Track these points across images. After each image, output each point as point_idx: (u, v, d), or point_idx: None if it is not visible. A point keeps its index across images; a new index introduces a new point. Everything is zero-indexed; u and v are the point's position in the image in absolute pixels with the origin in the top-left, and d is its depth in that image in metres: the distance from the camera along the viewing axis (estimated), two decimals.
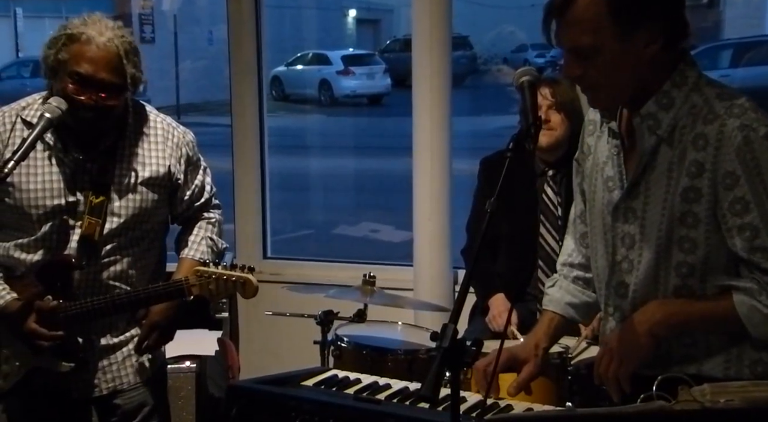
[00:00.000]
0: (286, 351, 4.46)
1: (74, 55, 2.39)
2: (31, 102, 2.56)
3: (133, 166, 2.56)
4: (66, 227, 2.52)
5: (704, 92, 1.91)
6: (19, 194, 2.49)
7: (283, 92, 15.88)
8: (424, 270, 4.24)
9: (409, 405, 2.04)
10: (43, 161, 2.51)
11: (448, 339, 1.67)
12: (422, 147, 4.19)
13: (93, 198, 2.51)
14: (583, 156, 2.18)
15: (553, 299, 2.26)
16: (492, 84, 15.57)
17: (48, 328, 2.47)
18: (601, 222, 2.06)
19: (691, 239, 1.91)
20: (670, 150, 1.91)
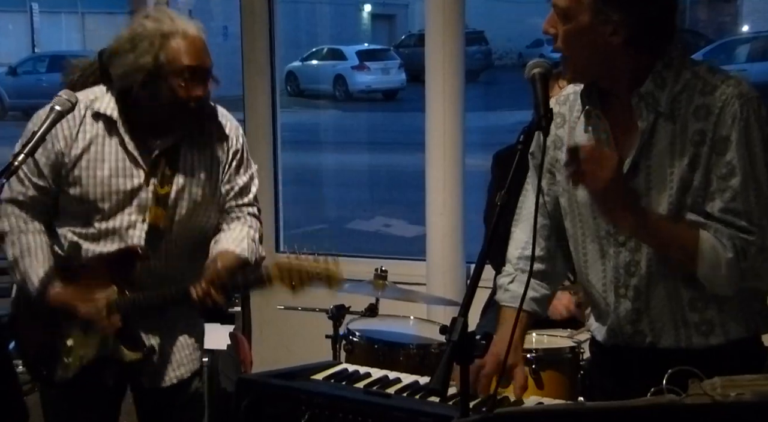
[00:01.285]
0: (298, 345, 4.46)
1: (176, 52, 2.41)
2: (99, 96, 2.55)
3: (195, 159, 2.58)
4: (133, 218, 2.54)
5: (693, 69, 1.98)
6: (87, 185, 2.51)
7: (298, 88, 15.87)
8: (436, 265, 4.24)
9: (419, 399, 2.03)
10: (114, 154, 2.53)
11: (457, 332, 1.67)
12: (435, 142, 4.19)
13: (159, 189, 2.53)
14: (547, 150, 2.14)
15: (515, 296, 2.21)
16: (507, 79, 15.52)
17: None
18: (590, 208, 2.07)
19: (698, 205, 1.95)
20: (671, 124, 1.96)
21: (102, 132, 2.53)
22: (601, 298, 2.12)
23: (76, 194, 2.52)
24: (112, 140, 2.53)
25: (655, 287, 2.02)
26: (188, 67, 2.42)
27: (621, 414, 1.37)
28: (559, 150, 2.15)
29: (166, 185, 2.53)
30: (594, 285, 2.14)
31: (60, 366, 2.57)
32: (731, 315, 2.02)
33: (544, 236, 2.23)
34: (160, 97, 2.44)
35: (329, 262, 2.46)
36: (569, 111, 2.15)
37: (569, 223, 2.17)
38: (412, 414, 1.88)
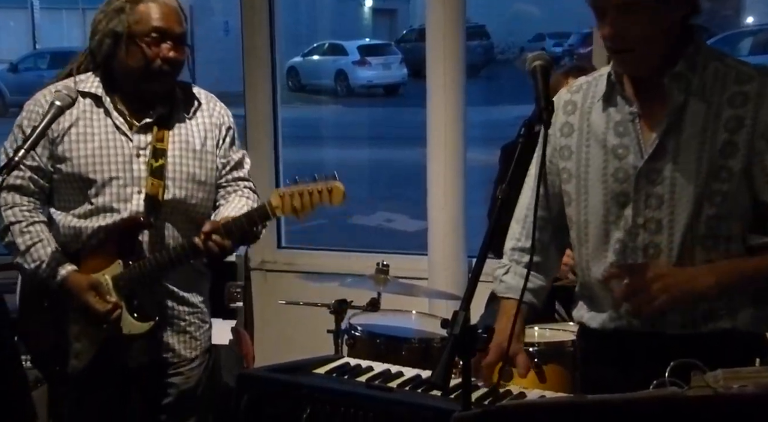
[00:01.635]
0: (300, 340, 4.46)
1: (144, 15, 2.51)
2: (84, 78, 2.62)
3: (185, 132, 2.64)
4: (128, 191, 2.57)
5: (721, 59, 2.04)
6: (77, 158, 2.55)
7: (300, 83, 15.88)
8: (438, 259, 4.23)
9: (421, 393, 2.02)
10: (102, 128, 2.57)
11: (458, 326, 1.67)
12: (436, 137, 4.18)
13: (153, 162, 2.57)
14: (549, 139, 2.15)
15: (510, 287, 2.25)
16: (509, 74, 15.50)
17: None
18: (602, 192, 2.09)
19: (722, 192, 1.98)
20: (703, 106, 1.99)
21: (89, 108, 2.59)
22: (600, 284, 2.13)
23: (67, 170, 2.56)
24: (100, 115, 2.58)
25: None
26: (155, 28, 2.51)
27: (623, 406, 1.37)
28: (568, 137, 2.16)
29: (159, 158, 2.57)
30: (593, 271, 2.15)
31: (72, 354, 2.58)
32: (741, 305, 2.03)
33: (539, 227, 2.22)
34: (133, 60, 2.53)
35: (328, 178, 2.47)
36: (582, 98, 2.16)
37: (573, 210, 2.17)
38: (414, 408, 1.88)
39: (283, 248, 4.83)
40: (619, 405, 1.36)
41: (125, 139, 2.58)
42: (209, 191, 2.69)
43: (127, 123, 2.59)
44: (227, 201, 2.70)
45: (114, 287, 2.55)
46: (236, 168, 2.75)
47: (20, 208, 2.58)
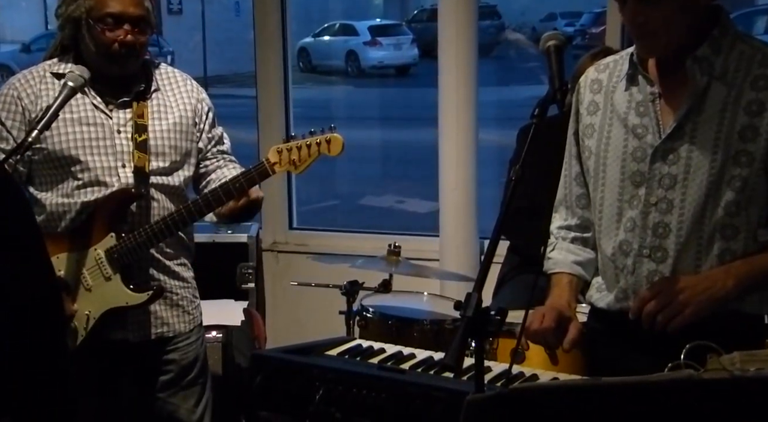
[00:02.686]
0: (312, 321, 4.47)
1: (100, 1, 2.52)
2: (57, 61, 2.66)
3: (163, 107, 2.67)
4: (112, 165, 2.59)
5: (748, 42, 2.02)
6: (58, 135, 2.57)
7: (310, 64, 15.82)
8: (450, 240, 4.23)
9: (434, 375, 2.02)
10: (79, 106, 2.59)
11: (472, 308, 1.66)
12: (448, 117, 4.16)
13: (137, 136, 2.59)
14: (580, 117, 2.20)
15: (558, 261, 2.26)
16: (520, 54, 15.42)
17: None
18: (619, 171, 2.09)
19: (742, 177, 1.96)
20: (724, 90, 1.97)
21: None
22: (610, 262, 2.13)
23: (49, 149, 2.57)
24: (77, 95, 2.57)
25: (685, 254, 2.03)
26: (110, 13, 2.53)
27: (638, 389, 1.36)
28: (593, 115, 2.17)
29: (142, 133, 2.60)
30: (604, 250, 2.15)
31: (69, 331, 2.57)
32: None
33: (582, 205, 2.25)
34: (93, 45, 2.56)
35: (325, 130, 2.49)
36: (608, 77, 2.17)
37: (591, 186, 2.18)
38: (426, 390, 1.87)
39: (294, 230, 4.83)
40: (635, 388, 1.36)
41: (104, 116, 2.61)
42: (190, 163, 2.72)
43: (104, 102, 2.62)
44: (218, 167, 2.75)
45: (108, 260, 2.56)
46: (219, 142, 2.80)
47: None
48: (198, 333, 2.83)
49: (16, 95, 2.59)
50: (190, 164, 2.73)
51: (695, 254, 2.02)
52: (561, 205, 2.31)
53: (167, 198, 2.66)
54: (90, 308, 2.58)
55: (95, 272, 2.58)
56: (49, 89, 2.60)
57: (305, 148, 2.47)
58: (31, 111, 2.58)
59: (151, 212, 2.63)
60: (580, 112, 2.20)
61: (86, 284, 2.59)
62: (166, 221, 2.56)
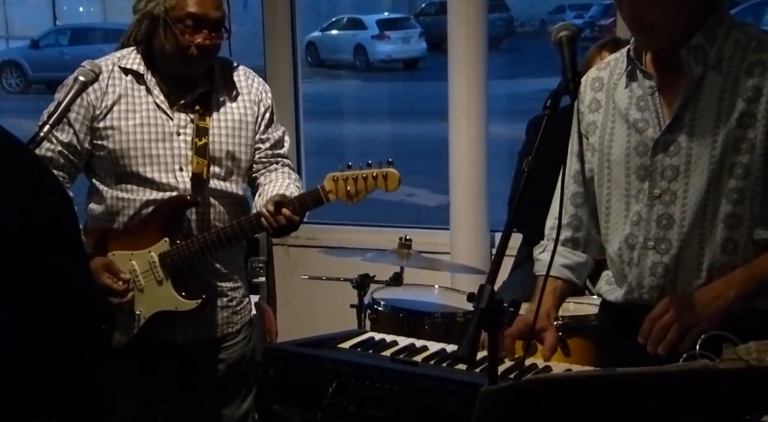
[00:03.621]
0: (323, 315, 4.47)
1: (180, 1, 2.49)
2: (126, 54, 2.63)
3: (224, 110, 2.64)
4: (170, 168, 2.58)
5: (744, 29, 2.01)
6: (120, 134, 2.56)
7: (319, 58, 15.80)
8: (460, 233, 4.22)
9: (446, 367, 2.02)
10: (144, 105, 2.59)
11: (485, 300, 1.66)
12: (458, 110, 4.15)
13: (197, 140, 2.57)
14: (582, 116, 2.19)
15: (544, 263, 2.19)
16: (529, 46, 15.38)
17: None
18: (624, 166, 2.08)
19: (743, 164, 1.95)
20: (720, 78, 1.97)
21: (131, 85, 2.60)
22: (617, 257, 2.13)
23: (110, 146, 2.56)
24: (141, 92, 2.59)
25: (689, 244, 2.02)
26: (190, 14, 2.49)
27: (653, 379, 1.35)
28: (595, 113, 2.16)
29: (202, 137, 2.58)
30: (612, 245, 2.15)
31: (118, 328, 2.59)
32: None
33: (576, 203, 2.24)
34: (168, 44, 2.53)
35: (382, 164, 2.49)
36: (609, 75, 2.16)
37: (596, 184, 2.18)
38: (439, 382, 1.87)
39: (305, 223, 4.78)
40: (650, 378, 1.35)
41: (165, 117, 2.59)
42: (246, 169, 2.70)
43: (167, 101, 2.60)
44: (269, 180, 2.70)
45: (161, 265, 2.56)
46: (276, 146, 2.75)
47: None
48: (246, 331, 2.81)
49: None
50: (247, 167, 2.70)
51: (698, 244, 2.01)
52: (556, 202, 2.25)
53: (226, 204, 2.64)
54: (141, 308, 2.59)
55: (148, 274, 2.57)
56: (116, 85, 2.58)
57: (362, 180, 2.48)
58: (96, 107, 2.56)
59: (208, 217, 2.61)
60: (581, 110, 2.19)
61: (139, 285, 2.58)
62: (220, 234, 2.54)
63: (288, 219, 2.49)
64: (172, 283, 2.57)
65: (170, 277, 2.57)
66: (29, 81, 15.23)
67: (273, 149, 2.75)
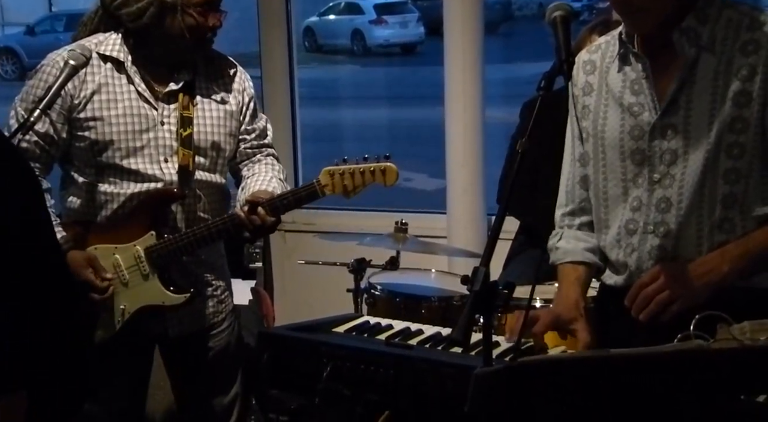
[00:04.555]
0: (319, 300, 4.46)
1: None
2: (104, 39, 2.56)
3: (208, 100, 2.60)
4: (153, 159, 2.53)
5: (735, 7, 1.99)
6: (102, 125, 2.50)
7: (316, 43, 15.76)
8: (457, 217, 4.22)
9: (441, 350, 2.02)
10: (126, 94, 2.52)
11: (479, 282, 1.65)
12: (454, 94, 4.15)
13: (181, 131, 2.52)
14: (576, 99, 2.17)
15: (567, 251, 2.22)
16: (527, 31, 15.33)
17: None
18: (618, 150, 2.07)
19: (740, 144, 1.95)
20: (713, 59, 1.95)
21: (111, 73, 2.53)
22: (615, 242, 2.12)
23: (92, 138, 2.51)
24: (122, 81, 2.53)
25: (687, 226, 2.01)
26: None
27: (647, 360, 1.35)
28: (588, 96, 2.15)
29: (187, 126, 2.53)
30: (611, 230, 2.14)
31: (100, 325, 2.55)
32: None
33: (585, 186, 2.22)
34: (177, 29, 2.46)
35: (379, 158, 2.46)
36: (601, 58, 2.15)
37: (591, 169, 2.16)
38: (434, 365, 1.86)
39: (301, 208, 4.80)
40: (644, 359, 1.35)
41: (149, 106, 2.54)
42: (229, 158, 2.67)
43: (149, 90, 2.54)
44: (252, 172, 2.67)
45: (147, 259, 2.53)
46: (261, 136, 2.72)
47: None
48: (230, 318, 2.80)
49: (56, 73, 2.46)
50: (230, 157, 2.67)
51: (696, 225, 2.00)
52: (562, 189, 2.28)
53: (210, 194, 2.61)
54: (125, 302, 2.55)
55: (133, 269, 2.54)
56: (95, 73, 2.51)
57: (359, 175, 2.44)
58: (74, 96, 2.49)
59: (194, 208, 2.58)
60: (575, 94, 2.17)
61: (123, 279, 2.55)
62: (211, 229, 2.51)
63: (262, 220, 2.46)
64: (158, 277, 2.54)
65: (157, 271, 2.54)
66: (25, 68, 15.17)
67: (258, 140, 2.72)
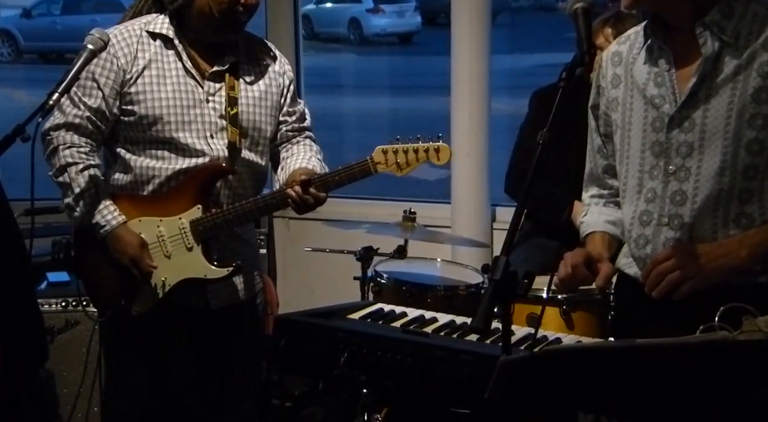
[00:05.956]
0: (322, 287, 4.49)
1: None
2: (152, 19, 2.60)
3: (252, 81, 2.64)
4: (200, 135, 2.56)
5: (764, 3, 1.98)
6: (151, 100, 2.53)
7: (313, 31, 15.71)
8: (462, 207, 4.24)
9: (457, 338, 2.03)
10: (174, 71, 2.56)
11: (500, 271, 1.66)
12: (460, 83, 4.15)
13: (229, 110, 2.57)
14: (603, 91, 2.20)
15: (590, 223, 2.27)
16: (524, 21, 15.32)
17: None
18: (640, 141, 2.09)
19: (759, 140, 1.95)
20: (737, 53, 1.95)
21: (160, 50, 2.57)
22: (628, 233, 2.15)
23: (141, 113, 2.54)
24: (170, 58, 2.57)
25: (702, 220, 2.02)
26: None
27: (672, 350, 1.37)
28: (616, 88, 2.16)
29: (233, 106, 2.57)
30: (625, 220, 2.16)
31: (139, 297, 2.59)
32: None
33: (611, 175, 2.26)
34: (206, 8, 2.49)
35: (433, 138, 2.51)
36: (628, 49, 2.16)
37: (618, 160, 2.19)
38: (451, 353, 1.87)
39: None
40: (669, 349, 1.36)
41: (195, 83, 2.58)
42: (269, 140, 2.71)
43: (195, 68, 2.58)
44: (291, 153, 2.72)
45: (192, 231, 2.56)
46: (300, 119, 2.78)
47: (78, 149, 2.55)
48: (261, 294, 2.86)
49: (113, 52, 2.52)
50: (270, 138, 2.70)
51: (712, 219, 2.01)
52: (590, 179, 2.33)
53: (250, 174, 2.65)
54: (166, 274, 2.58)
55: (177, 240, 2.57)
56: (145, 50, 2.55)
57: (412, 152, 2.50)
58: (126, 71, 2.53)
59: (236, 186, 2.62)
60: (603, 86, 2.19)
61: (166, 251, 2.58)
62: (259, 204, 2.55)
63: (315, 198, 2.51)
64: (202, 250, 2.57)
65: (201, 243, 2.57)
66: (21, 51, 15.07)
67: (299, 123, 2.77)
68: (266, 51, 2.71)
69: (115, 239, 2.55)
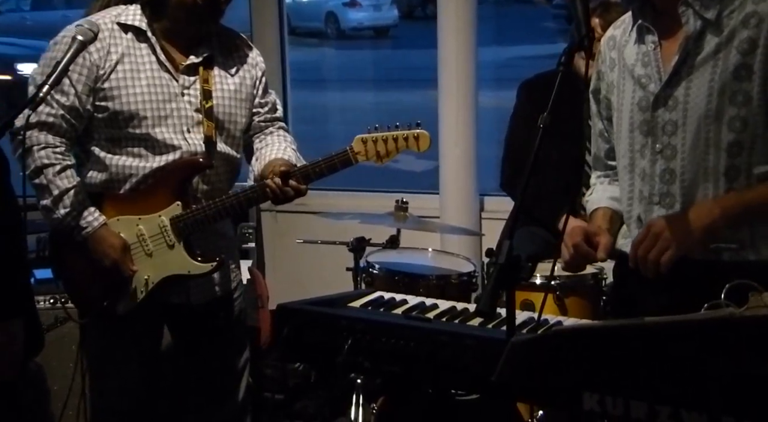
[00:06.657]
0: (312, 279, 4.49)
1: None
2: (122, 11, 2.56)
3: (225, 74, 2.62)
4: (177, 129, 2.54)
5: None
6: (125, 95, 2.50)
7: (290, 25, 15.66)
8: (450, 197, 4.26)
9: (459, 323, 2.05)
10: (148, 65, 2.53)
11: (504, 255, 1.68)
12: (448, 75, 4.17)
13: (204, 103, 2.54)
14: (603, 76, 2.23)
15: (593, 200, 2.32)
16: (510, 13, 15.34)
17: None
18: (629, 121, 2.12)
19: (741, 117, 1.96)
20: (718, 33, 1.97)
21: (132, 44, 2.53)
22: (625, 213, 2.19)
23: (116, 108, 2.50)
24: (143, 51, 2.53)
25: (692, 197, 2.04)
26: None
27: (680, 328, 1.39)
28: (612, 72, 2.20)
29: (209, 99, 2.56)
30: (621, 200, 2.20)
31: (122, 296, 2.56)
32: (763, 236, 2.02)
33: (612, 157, 2.29)
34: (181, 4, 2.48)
35: (411, 125, 2.49)
36: (621, 33, 2.19)
37: (615, 142, 2.23)
38: (455, 337, 1.88)
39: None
40: (677, 327, 1.39)
41: (169, 77, 2.55)
42: (243, 132, 2.69)
43: (169, 61, 2.55)
44: (266, 143, 2.70)
45: (173, 229, 2.53)
46: (272, 110, 2.77)
47: (53, 149, 2.50)
48: (240, 287, 2.85)
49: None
50: (244, 131, 2.69)
51: (702, 197, 2.03)
52: (596, 162, 2.37)
53: (226, 167, 2.63)
54: (149, 273, 2.56)
55: (158, 239, 2.54)
56: (118, 44, 2.51)
57: (392, 141, 2.48)
58: (99, 67, 2.48)
59: (213, 180, 2.60)
60: (603, 70, 2.22)
61: (147, 250, 2.55)
62: (240, 198, 2.53)
63: (295, 190, 2.50)
64: (184, 246, 2.55)
65: (182, 240, 2.55)
66: None
67: (271, 113, 2.75)
68: (240, 43, 2.69)
69: (96, 241, 2.52)
